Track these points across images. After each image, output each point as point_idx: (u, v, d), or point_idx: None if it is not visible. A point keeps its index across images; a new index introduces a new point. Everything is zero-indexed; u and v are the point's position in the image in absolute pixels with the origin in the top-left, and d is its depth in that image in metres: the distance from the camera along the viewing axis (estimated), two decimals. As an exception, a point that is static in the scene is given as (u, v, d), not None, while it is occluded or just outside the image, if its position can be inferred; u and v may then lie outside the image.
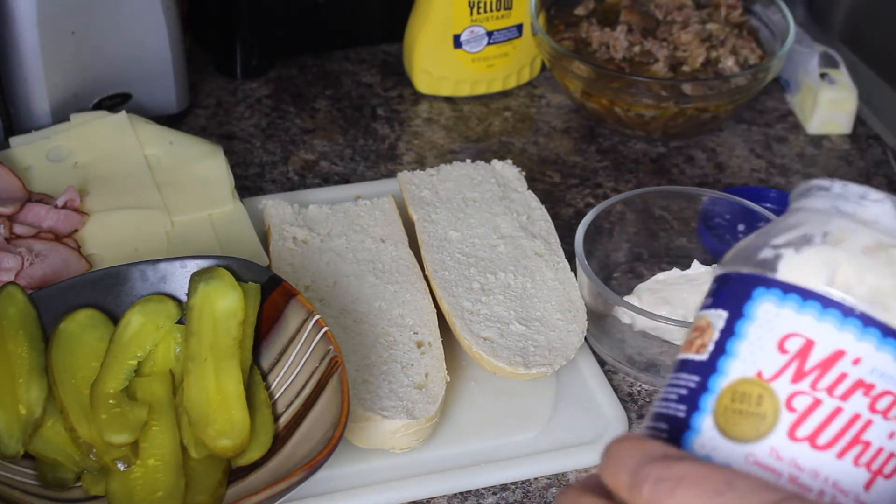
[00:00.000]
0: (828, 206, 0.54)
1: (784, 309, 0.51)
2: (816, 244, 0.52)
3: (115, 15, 0.99)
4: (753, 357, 0.51)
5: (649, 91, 1.04)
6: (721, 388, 0.51)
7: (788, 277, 0.52)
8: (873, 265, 0.51)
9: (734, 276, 0.54)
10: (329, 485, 0.77)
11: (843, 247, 0.52)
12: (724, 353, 0.52)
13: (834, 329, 0.50)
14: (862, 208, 0.53)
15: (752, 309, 0.52)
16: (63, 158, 0.96)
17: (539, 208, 0.94)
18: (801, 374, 0.50)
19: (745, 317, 0.52)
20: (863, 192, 0.54)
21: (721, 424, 0.50)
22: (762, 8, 1.14)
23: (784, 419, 0.49)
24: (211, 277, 0.78)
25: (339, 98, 1.14)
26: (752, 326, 0.52)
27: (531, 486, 0.79)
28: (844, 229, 0.53)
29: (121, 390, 0.75)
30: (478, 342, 0.82)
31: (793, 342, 0.50)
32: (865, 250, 0.52)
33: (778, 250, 0.53)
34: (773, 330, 0.51)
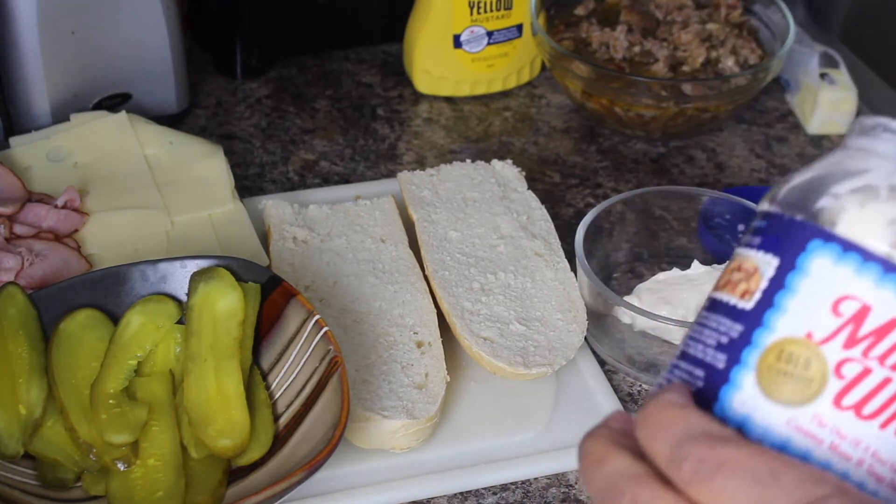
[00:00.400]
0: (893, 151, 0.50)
1: (842, 267, 0.48)
2: (883, 199, 0.49)
3: (115, 15, 0.99)
4: (804, 316, 0.48)
5: (649, 91, 1.04)
6: (767, 344, 0.48)
7: (850, 234, 0.48)
8: None
9: (787, 220, 0.50)
10: (329, 485, 0.77)
11: None
12: (771, 306, 0.48)
13: (893, 296, 0.47)
14: None
15: (806, 262, 0.48)
16: (63, 158, 0.96)
17: (539, 208, 0.94)
18: (853, 341, 0.47)
19: (798, 270, 0.48)
20: None
21: (764, 384, 0.48)
22: (762, 8, 1.14)
23: (831, 385, 0.47)
24: (211, 277, 0.78)
25: (339, 98, 1.14)
26: (804, 282, 0.48)
27: (531, 486, 0.79)
28: None
29: (121, 390, 0.75)
30: (478, 342, 0.82)
31: (848, 305, 0.47)
32: None
33: (840, 201, 0.49)
34: (828, 289, 0.48)
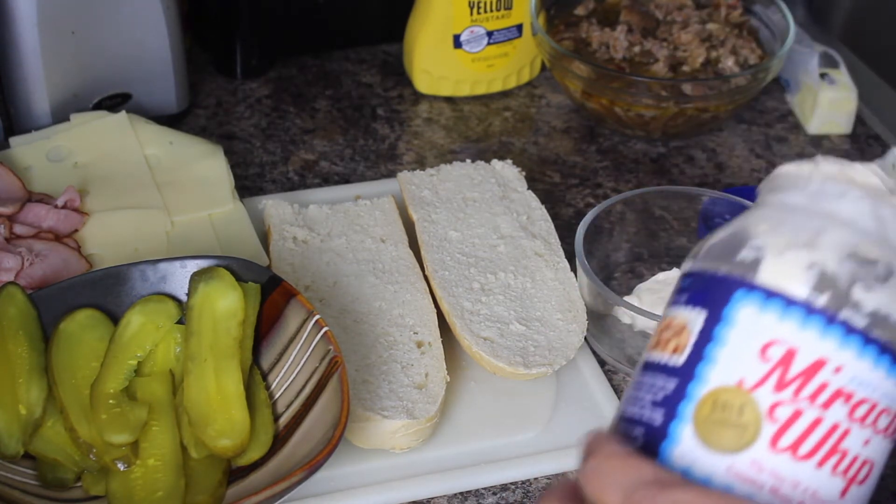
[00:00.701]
0: (808, 202, 0.52)
1: (766, 314, 0.49)
2: (799, 246, 0.50)
3: (115, 15, 0.99)
4: (734, 365, 0.49)
5: (649, 91, 1.04)
6: (700, 396, 0.49)
7: (771, 281, 0.50)
8: (855, 270, 0.50)
9: (710, 275, 0.52)
10: (329, 485, 0.77)
11: (826, 249, 0.50)
12: (702, 358, 0.50)
13: (817, 337, 0.49)
14: (842, 208, 0.51)
15: (731, 313, 0.50)
16: (63, 158, 0.96)
17: (539, 208, 0.94)
18: (783, 384, 0.48)
19: (725, 321, 0.50)
20: (842, 191, 0.52)
21: (701, 434, 0.49)
22: (762, 8, 1.14)
23: (766, 430, 0.48)
24: (211, 277, 0.78)
25: (339, 98, 1.14)
26: (732, 332, 0.50)
27: (531, 486, 0.79)
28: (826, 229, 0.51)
29: (121, 390, 0.75)
30: (478, 342, 0.82)
31: (775, 350, 0.49)
32: (849, 253, 0.50)
33: (759, 251, 0.51)
34: (755, 336, 0.49)
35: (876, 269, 0.50)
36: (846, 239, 0.51)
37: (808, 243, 0.50)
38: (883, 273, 0.50)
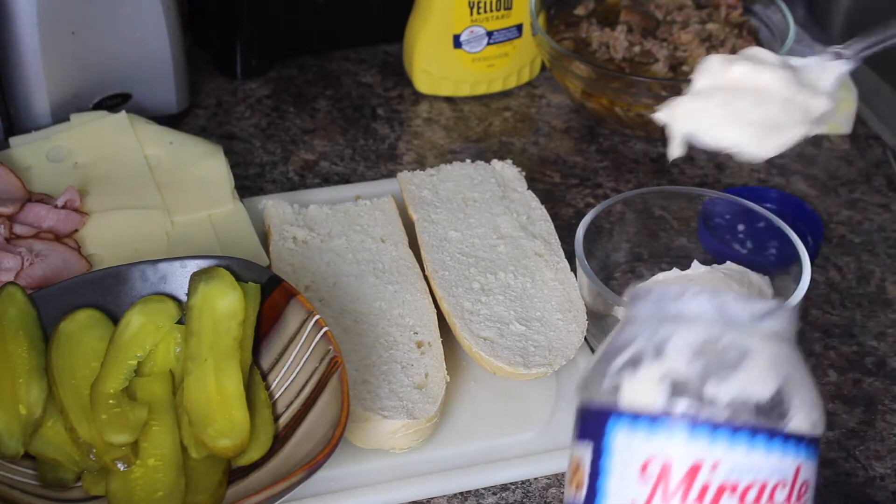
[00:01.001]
0: (652, 311, 0.54)
1: (636, 436, 0.51)
2: (648, 362, 0.53)
3: (115, 15, 0.99)
4: (622, 492, 0.51)
5: (649, 91, 1.04)
6: None
7: (631, 404, 0.52)
8: (704, 367, 0.52)
9: (587, 407, 0.55)
10: (329, 485, 0.77)
11: (673, 355, 0.52)
12: (596, 494, 0.52)
13: (685, 443, 0.51)
14: (684, 307, 0.53)
15: (609, 442, 0.52)
16: (63, 158, 0.96)
17: (539, 208, 0.94)
18: (668, 497, 0.50)
19: (605, 452, 0.52)
20: (680, 290, 0.54)
21: None
22: (762, 8, 1.14)
23: None
24: (211, 277, 0.78)
25: (339, 98, 1.14)
26: (612, 461, 0.52)
27: (531, 486, 0.79)
28: (671, 335, 0.53)
29: (121, 390, 0.75)
30: (478, 342, 0.82)
31: (652, 467, 0.51)
32: (696, 352, 0.52)
33: (617, 377, 0.53)
34: (632, 459, 0.51)
35: (727, 355, 0.52)
36: (691, 338, 0.53)
37: (657, 354, 0.53)
38: (735, 357, 0.52)
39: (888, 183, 1.07)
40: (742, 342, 0.52)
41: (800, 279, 0.85)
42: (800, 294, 0.84)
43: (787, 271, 0.89)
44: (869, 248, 1.00)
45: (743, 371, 0.52)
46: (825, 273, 0.97)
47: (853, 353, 0.90)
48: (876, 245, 1.00)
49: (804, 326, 0.92)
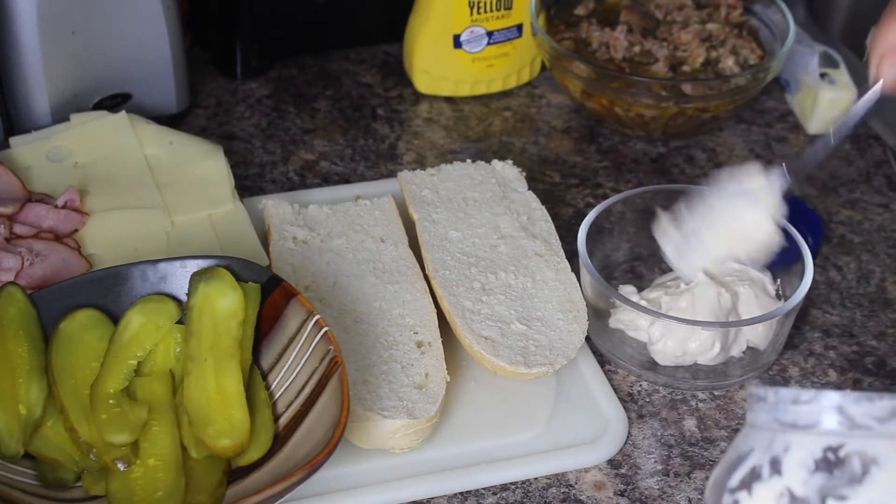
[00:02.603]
0: (768, 419, 0.52)
1: None
2: (765, 478, 0.50)
3: (115, 15, 0.99)
4: None
5: (649, 91, 1.04)
6: None
7: None
8: (827, 480, 0.49)
9: None
10: (329, 485, 0.77)
11: (792, 471, 0.49)
12: None
13: None
14: (799, 414, 0.50)
15: None
16: (63, 158, 0.96)
17: (539, 209, 0.94)
18: None
19: None
20: (794, 396, 0.51)
21: None
22: (762, 8, 1.14)
23: None
24: (211, 277, 0.78)
25: (339, 98, 1.14)
26: None
27: (531, 486, 0.79)
28: (788, 446, 0.50)
29: (121, 390, 0.75)
30: (479, 341, 0.82)
31: None
32: (815, 465, 0.49)
33: (734, 496, 0.51)
34: None
35: (850, 467, 0.49)
36: (810, 449, 0.49)
37: (773, 469, 0.50)
38: (859, 467, 0.49)
39: (888, 183, 1.07)
40: (868, 448, 0.49)
41: (802, 277, 0.85)
42: (802, 292, 0.84)
43: (788, 270, 0.89)
44: (869, 248, 1.00)
45: (868, 483, 0.48)
46: (825, 273, 0.97)
47: (853, 353, 0.90)
48: (876, 245, 1.00)
49: (804, 326, 0.92)
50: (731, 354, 0.86)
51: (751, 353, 0.87)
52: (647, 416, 0.84)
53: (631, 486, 0.79)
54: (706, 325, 0.83)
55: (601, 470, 0.80)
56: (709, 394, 0.86)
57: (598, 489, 0.79)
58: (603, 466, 0.80)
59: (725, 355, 0.86)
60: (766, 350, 0.87)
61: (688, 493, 0.79)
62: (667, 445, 0.82)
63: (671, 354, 0.84)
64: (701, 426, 0.84)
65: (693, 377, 0.86)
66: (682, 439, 0.83)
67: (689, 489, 0.79)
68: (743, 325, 0.85)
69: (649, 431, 0.83)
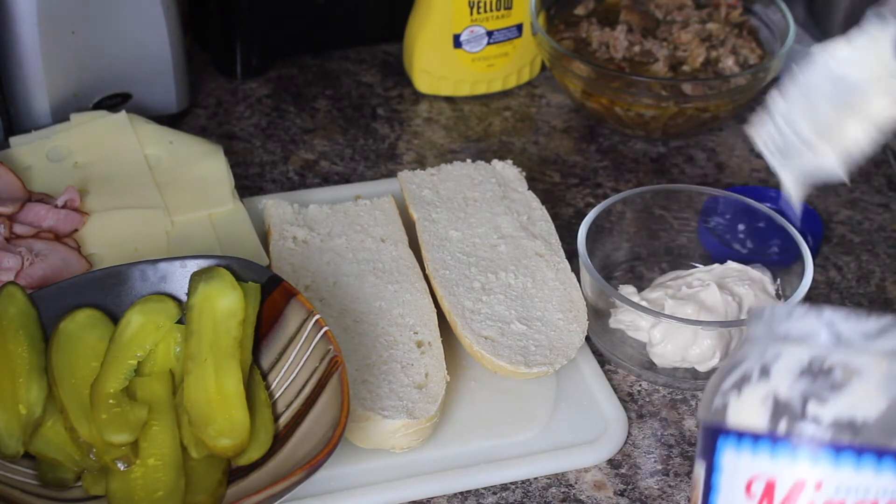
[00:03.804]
0: (763, 332, 0.55)
1: (742, 454, 0.52)
2: (754, 382, 0.53)
3: (115, 15, 0.99)
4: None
5: (649, 91, 1.04)
6: None
7: (737, 422, 0.53)
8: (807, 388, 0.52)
9: (702, 426, 0.56)
10: (329, 485, 0.77)
11: (779, 376, 0.52)
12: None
13: (788, 462, 0.51)
14: (791, 328, 0.54)
15: (718, 460, 0.53)
16: (63, 158, 0.96)
17: (540, 209, 0.94)
18: None
19: (716, 469, 0.53)
20: (788, 311, 0.54)
21: None
22: (762, 8, 1.14)
23: None
24: (211, 277, 0.78)
25: (339, 98, 1.14)
26: (721, 478, 0.53)
27: (531, 486, 0.79)
28: (778, 355, 0.53)
29: (121, 390, 0.75)
30: (479, 341, 0.82)
31: (756, 485, 0.51)
32: (801, 372, 0.52)
33: (726, 396, 0.54)
34: (738, 477, 0.52)
35: (833, 376, 0.52)
36: (797, 358, 0.53)
37: (763, 374, 0.53)
38: (841, 377, 0.52)
39: (888, 183, 1.07)
40: (850, 361, 0.52)
41: (802, 277, 0.85)
42: (802, 292, 0.84)
43: (788, 270, 0.89)
44: (869, 248, 1.00)
45: (849, 391, 0.51)
46: (825, 273, 0.97)
47: (853, 352, 0.90)
48: (876, 245, 1.00)
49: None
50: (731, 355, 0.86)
51: (751, 352, 0.87)
52: (647, 416, 0.84)
53: (631, 485, 0.79)
54: (706, 326, 0.83)
55: (601, 470, 0.80)
56: (709, 394, 0.86)
57: (598, 489, 0.79)
58: (603, 466, 0.80)
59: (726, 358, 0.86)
60: (766, 350, 0.86)
61: (688, 493, 0.79)
62: (667, 445, 0.82)
63: (670, 359, 0.85)
64: (701, 426, 0.84)
65: (693, 377, 0.86)
66: (682, 439, 0.83)
67: (689, 489, 0.79)
68: (743, 325, 0.85)
69: (649, 431, 0.83)
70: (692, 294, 0.86)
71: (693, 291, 0.86)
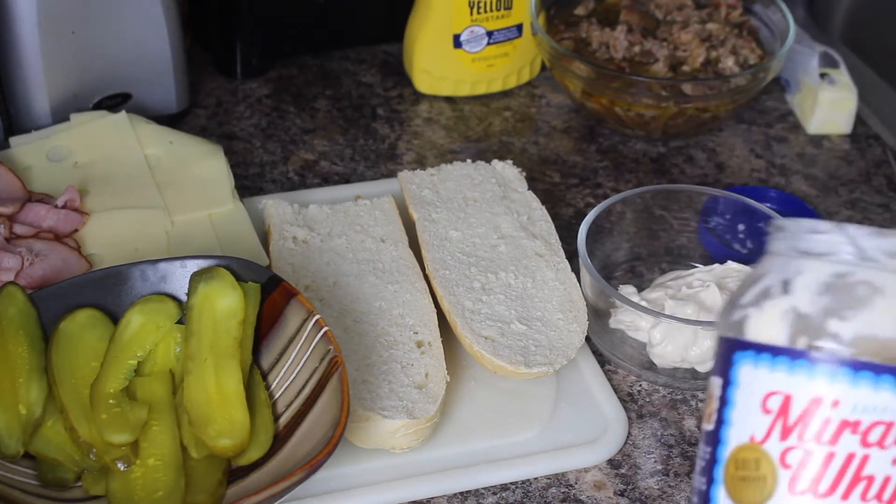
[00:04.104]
0: (785, 247, 0.54)
1: (759, 369, 0.52)
2: (775, 296, 0.53)
3: (115, 15, 0.99)
4: (744, 423, 0.52)
5: (649, 91, 1.04)
6: (725, 457, 0.52)
7: (756, 337, 0.52)
8: (828, 304, 0.51)
9: (720, 340, 0.55)
10: (329, 485, 0.77)
11: (800, 291, 0.52)
12: (723, 422, 0.53)
13: (806, 378, 0.50)
14: (814, 243, 0.53)
15: (735, 374, 0.53)
16: (63, 158, 0.96)
17: (540, 209, 0.94)
18: (787, 430, 0.50)
19: (732, 383, 0.53)
20: (812, 226, 0.54)
21: (731, 493, 0.51)
22: (762, 8, 1.14)
23: (782, 478, 0.50)
24: (211, 277, 0.78)
25: (339, 98, 1.14)
26: (738, 392, 0.52)
27: (531, 486, 0.79)
28: (800, 270, 0.53)
29: (121, 390, 0.75)
30: (479, 341, 0.82)
31: (773, 400, 0.51)
32: (823, 288, 0.52)
33: (745, 310, 0.53)
34: (755, 392, 0.52)
35: (856, 292, 0.51)
36: (820, 273, 0.52)
37: (784, 289, 0.53)
38: (864, 293, 0.51)
39: (888, 183, 1.07)
40: (874, 279, 0.51)
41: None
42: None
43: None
44: (869, 247, 1.00)
45: (871, 308, 0.51)
46: (825, 273, 0.97)
47: (853, 352, 0.90)
48: (876, 245, 1.00)
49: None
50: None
51: (751, 352, 0.87)
52: (647, 416, 0.84)
53: (631, 486, 0.79)
54: (706, 326, 0.83)
55: (601, 470, 0.80)
56: (709, 394, 0.86)
57: (598, 489, 0.79)
58: (603, 466, 0.80)
59: None
60: (766, 350, 0.86)
61: (688, 493, 0.79)
62: (667, 445, 0.82)
63: (670, 359, 0.85)
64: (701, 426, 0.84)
65: (693, 377, 0.86)
66: (682, 439, 0.83)
67: (689, 489, 0.79)
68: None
69: (649, 431, 0.83)
70: (692, 294, 0.86)
71: (693, 292, 0.86)
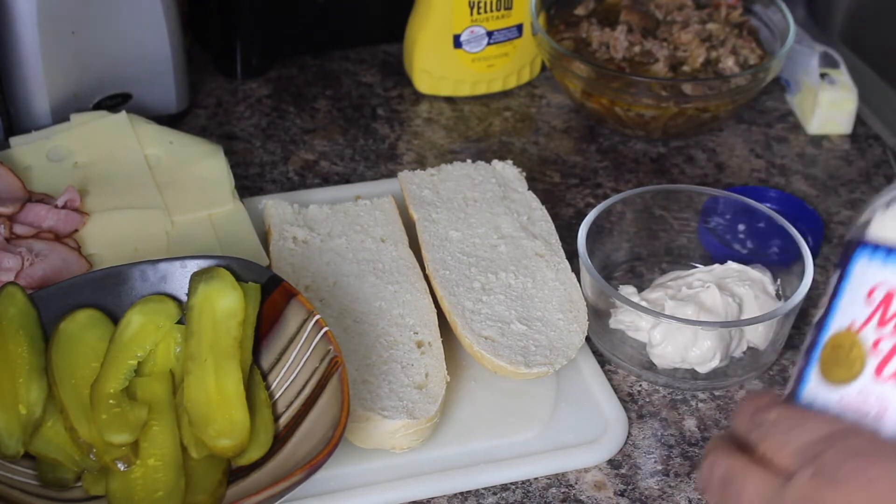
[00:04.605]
0: None
1: (872, 264, 0.55)
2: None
3: (115, 15, 0.99)
4: (847, 311, 0.55)
5: (649, 91, 1.04)
6: (825, 342, 0.56)
7: (878, 234, 0.56)
8: None
9: (847, 240, 0.59)
10: (329, 485, 0.77)
11: None
12: (830, 311, 0.57)
13: None
14: None
15: (850, 268, 0.56)
16: (63, 158, 0.96)
17: (540, 209, 0.94)
18: (884, 321, 0.54)
19: (846, 276, 0.57)
20: None
21: (823, 373, 0.55)
22: (762, 8, 1.14)
23: (870, 363, 0.54)
24: (211, 277, 0.78)
25: (339, 98, 1.14)
26: (848, 284, 0.56)
27: (531, 486, 0.79)
28: None
29: (121, 390, 0.75)
30: (479, 341, 0.82)
31: (878, 292, 0.55)
32: None
33: (873, 211, 0.57)
34: (863, 284, 0.55)
35: None
36: None
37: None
38: None
39: (888, 183, 1.07)
40: None
41: (802, 277, 0.85)
42: (802, 292, 0.84)
43: (788, 270, 0.89)
44: (869, 247, 1.00)
45: None
46: (825, 273, 0.97)
47: (853, 352, 0.90)
48: (876, 245, 1.00)
49: (804, 326, 0.92)
50: (731, 355, 0.86)
51: (751, 353, 0.87)
52: (647, 416, 0.84)
53: (631, 486, 0.79)
54: (707, 326, 0.83)
55: (601, 470, 0.80)
56: (709, 394, 0.86)
57: (598, 489, 0.79)
58: (603, 466, 0.80)
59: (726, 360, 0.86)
60: (766, 350, 0.87)
61: (688, 493, 0.79)
62: (667, 445, 0.82)
63: (670, 359, 0.85)
64: (701, 426, 0.84)
65: (693, 377, 0.86)
66: (682, 439, 0.83)
67: (689, 489, 0.79)
68: (743, 325, 0.85)
69: (649, 431, 0.83)
70: (692, 295, 0.86)
71: (693, 292, 0.86)
